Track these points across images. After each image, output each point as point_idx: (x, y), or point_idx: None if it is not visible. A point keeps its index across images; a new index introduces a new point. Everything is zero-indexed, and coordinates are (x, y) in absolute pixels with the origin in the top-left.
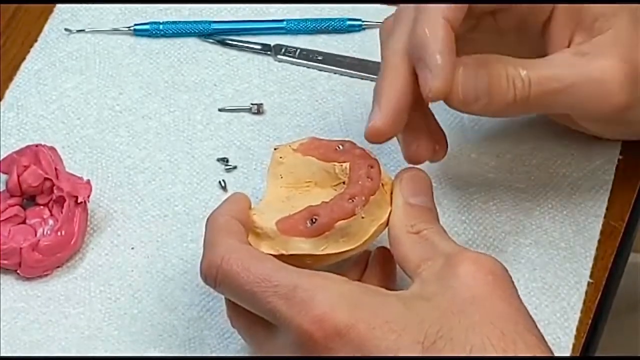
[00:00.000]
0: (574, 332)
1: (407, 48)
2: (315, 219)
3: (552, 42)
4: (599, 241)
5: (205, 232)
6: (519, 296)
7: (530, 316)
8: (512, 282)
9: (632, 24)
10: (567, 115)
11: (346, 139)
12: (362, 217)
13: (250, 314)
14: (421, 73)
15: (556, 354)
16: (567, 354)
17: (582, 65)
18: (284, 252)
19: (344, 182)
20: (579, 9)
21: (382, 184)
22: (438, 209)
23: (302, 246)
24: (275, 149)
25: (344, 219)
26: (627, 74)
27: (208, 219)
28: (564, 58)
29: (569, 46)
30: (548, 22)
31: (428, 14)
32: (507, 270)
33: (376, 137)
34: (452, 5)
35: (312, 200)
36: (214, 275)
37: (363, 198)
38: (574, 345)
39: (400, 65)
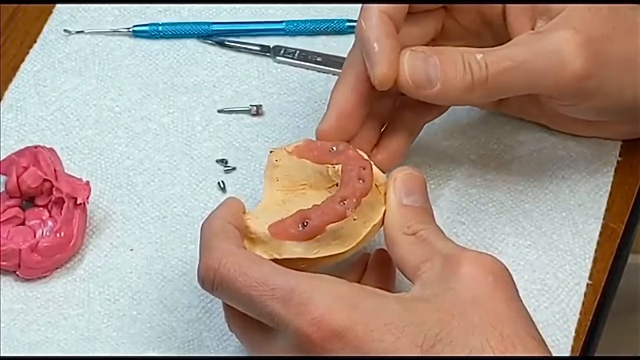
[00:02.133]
0: (573, 333)
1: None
2: (307, 223)
3: (514, 29)
4: (598, 243)
5: (201, 238)
6: (519, 296)
7: (531, 318)
8: (513, 282)
9: (587, 2)
10: (554, 117)
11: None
12: (354, 219)
13: (247, 318)
14: (367, 65)
15: (555, 356)
16: (566, 355)
17: (537, 40)
18: (277, 256)
19: (337, 184)
20: None
21: (376, 185)
22: (437, 211)
23: (295, 250)
24: (270, 152)
25: (335, 222)
26: (580, 41)
27: (202, 224)
28: (520, 38)
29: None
30: (504, 11)
31: (364, 8)
32: (507, 269)
33: (324, 138)
34: None
35: (308, 202)
36: (211, 280)
37: (354, 200)
38: (573, 346)
39: (349, 69)
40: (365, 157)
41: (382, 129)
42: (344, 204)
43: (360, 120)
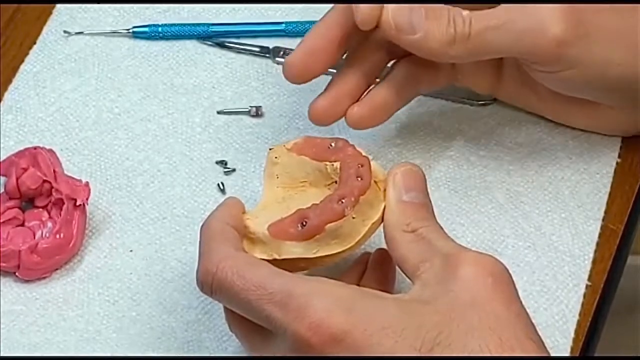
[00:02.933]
0: (572, 334)
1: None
2: (305, 222)
3: None
4: (598, 244)
5: (200, 240)
6: (519, 298)
7: (530, 320)
8: (513, 283)
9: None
10: (548, 105)
11: (339, 137)
12: (353, 218)
13: (247, 320)
14: (353, 6)
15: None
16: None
17: (523, 6)
18: (277, 256)
19: (336, 182)
20: None
21: (376, 181)
22: (436, 212)
23: (294, 250)
24: (270, 150)
25: (333, 221)
26: (564, 8)
27: (202, 226)
28: (507, 4)
29: None
30: None
31: None
32: (507, 270)
33: (291, 76)
34: None
35: (308, 200)
36: (209, 284)
37: (352, 199)
38: (572, 347)
39: (330, 11)
40: (364, 153)
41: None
42: (342, 202)
43: (330, 59)
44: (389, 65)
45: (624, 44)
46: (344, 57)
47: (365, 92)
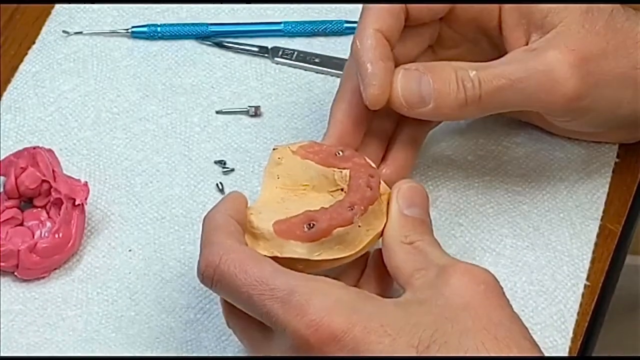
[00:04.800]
0: (571, 334)
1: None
2: (313, 224)
3: (509, 43)
4: (596, 244)
5: (202, 231)
6: (510, 305)
7: (523, 324)
8: (504, 293)
9: (583, 15)
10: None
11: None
12: (359, 226)
13: (246, 316)
14: (360, 86)
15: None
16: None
17: (530, 59)
18: (278, 254)
19: (341, 189)
20: (529, 7)
21: (380, 194)
22: (435, 213)
23: (298, 250)
24: (274, 149)
25: (342, 227)
26: (574, 61)
27: (205, 217)
28: (514, 55)
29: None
30: (500, 24)
31: (360, 27)
32: (498, 282)
33: None
34: (384, 13)
35: (307, 204)
36: (211, 276)
37: (362, 207)
38: (570, 347)
39: (347, 84)
40: (373, 164)
41: (387, 146)
42: (352, 209)
43: (361, 134)
44: None
45: (632, 84)
46: None
47: (386, 153)
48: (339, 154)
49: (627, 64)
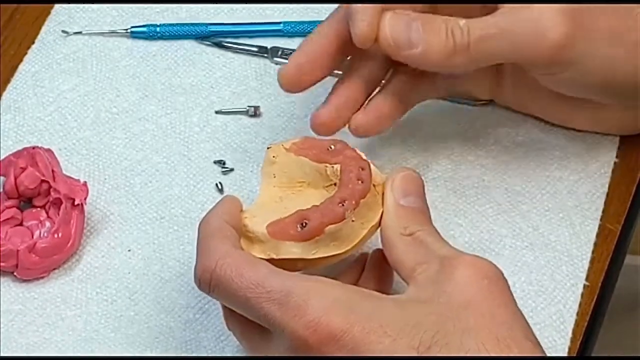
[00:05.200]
0: (570, 334)
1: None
2: (306, 223)
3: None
4: (595, 244)
5: (198, 237)
6: (514, 300)
7: (526, 321)
8: (508, 286)
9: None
10: (550, 108)
11: (338, 139)
12: (353, 221)
13: (245, 319)
14: (350, 24)
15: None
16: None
17: (519, 9)
18: (274, 256)
19: (335, 184)
20: None
21: (374, 185)
22: (434, 213)
23: (293, 250)
24: (268, 148)
25: (334, 224)
26: (563, 10)
27: (200, 223)
28: (504, 7)
29: None
30: None
31: None
32: (503, 274)
33: (286, 86)
34: None
35: (305, 201)
36: (207, 281)
37: (353, 202)
38: (570, 347)
39: (327, 21)
40: (364, 157)
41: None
42: (343, 205)
43: (323, 71)
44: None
45: (624, 44)
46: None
47: (367, 101)
48: (330, 148)
49: (619, 23)
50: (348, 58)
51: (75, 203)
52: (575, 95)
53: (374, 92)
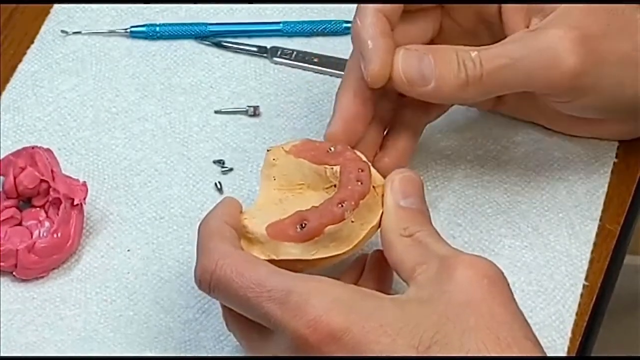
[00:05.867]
0: (569, 334)
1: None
2: (305, 224)
3: (509, 28)
4: (595, 244)
5: (198, 238)
6: (514, 300)
7: (526, 320)
8: (508, 286)
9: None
10: (552, 116)
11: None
12: (352, 222)
13: (245, 318)
14: (362, 64)
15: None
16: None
17: (531, 38)
18: (274, 257)
19: (335, 185)
20: None
21: (374, 186)
22: (434, 213)
23: (292, 251)
24: (268, 151)
25: (333, 224)
26: (574, 38)
27: (200, 224)
28: (515, 36)
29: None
30: (500, 9)
31: (360, 7)
32: (503, 274)
33: (333, 141)
34: None
35: (305, 203)
36: (208, 281)
37: (352, 203)
38: (569, 347)
39: (351, 73)
40: (364, 158)
41: (385, 132)
42: (342, 206)
43: (366, 122)
44: None
45: (633, 66)
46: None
47: (383, 136)
48: (330, 150)
49: (628, 45)
50: None
51: (75, 203)
52: (584, 116)
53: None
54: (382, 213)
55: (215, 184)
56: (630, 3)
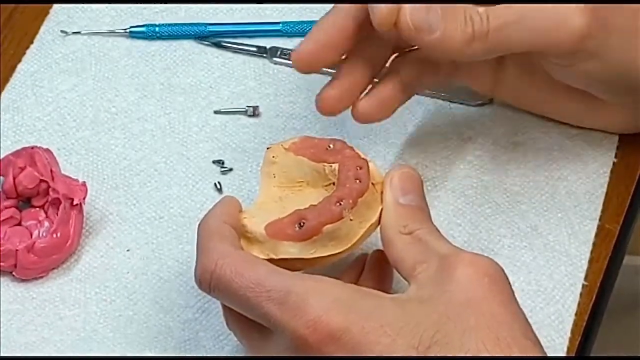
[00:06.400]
0: (569, 334)
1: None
2: (303, 223)
3: None
4: (594, 244)
5: (198, 238)
6: (515, 298)
7: (526, 319)
8: (509, 284)
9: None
10: (549, 102)
11: (337, 138)
12: (351, 220)
13: (245, 318)
14: (369, 7)
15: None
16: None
17: (539, 5)
18: (273, 256)
19: (334, 183)
20: None
21: (373, 184)
22: (433, 212)
23: (291, 250)
24: (268, 149)
25: (331, 223)
26: (583, 6)
27: (199, 224)
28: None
29: None
30: None
31: None
32: (503, 272)
33: (301, 66)
34: None
35: (305, 200)
36: (207, 281)
37: (351, 201)
38: (568, 347)
39: (341, 8)
40: (363, 155)
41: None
42: (341, 204)
43: (338, 53)
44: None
45: None
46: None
47: (369, 87)
48: (329, 147)
49: (636, 18)
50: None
51: (74, 203)
52: (587, 90)
53: (377, 78)
54: (382, 210)
55: (215, 184)
56: (630, 3)
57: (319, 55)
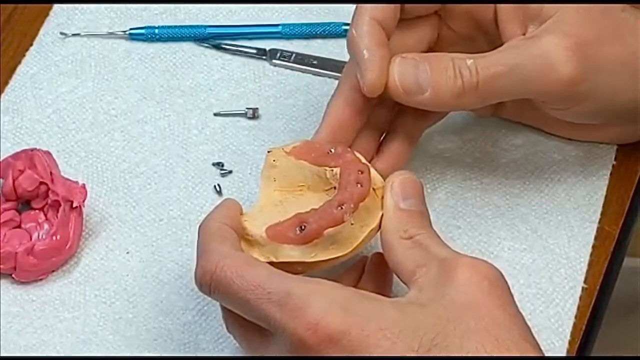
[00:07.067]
0: (568, 337)
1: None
2: (304, 227)
3: (505, 36)
4: (594, 246)
5: (198, 240)
6: (514, 302)
7: (526, 323)
8: (508, 288)
9: (578, 5)
10: (551, 121)
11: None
12: (352, 224)
13: (245, 320)
14: (357, 73)
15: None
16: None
17: (527, 45)
18: (274, 259)
19: (335, 187)
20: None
21: (374, 188)
22: (432, 215)
23: (292, 253)
24: (268, 152)
25: (332, 227)
26: (570, 46)
27: (200, 226)
28: (511, 43)
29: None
30: (496, 17)
31: (356, 16)
32: (503, 276)
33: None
34: (379, 5)
35: (305, 204)
36: (208, 283)
37: (352, 205)
38: (568, 349)
39: (343, 80)
40: (364, 160)
41: (382, 138)
42: (342, 208)
43: (354, 131)
44: None
45: (628, 71)
46: None
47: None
48: (330, 152)
49: (623, 50)
50: None
51: (74, 205)
52: (579, 122)
53: (383, 136)
54: (382, 215)
55: (215, 186)
56: (629, 3)
57: (336, 140)
